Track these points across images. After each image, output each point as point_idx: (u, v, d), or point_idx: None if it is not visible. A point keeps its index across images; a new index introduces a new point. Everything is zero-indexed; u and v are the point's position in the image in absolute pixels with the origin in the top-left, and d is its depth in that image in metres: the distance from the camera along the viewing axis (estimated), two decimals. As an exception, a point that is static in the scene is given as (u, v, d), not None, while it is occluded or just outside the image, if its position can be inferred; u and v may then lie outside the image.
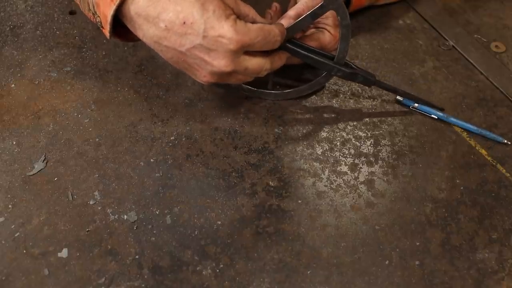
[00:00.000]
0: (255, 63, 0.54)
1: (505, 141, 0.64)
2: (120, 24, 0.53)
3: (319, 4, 0.57)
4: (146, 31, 0.51)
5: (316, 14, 0.58)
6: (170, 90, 0.67)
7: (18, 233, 0.54)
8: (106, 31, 0.53)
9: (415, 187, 0.60)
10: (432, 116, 0.66)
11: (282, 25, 0.57)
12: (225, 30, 0.48)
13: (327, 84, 0.69)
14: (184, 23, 0.48)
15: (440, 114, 0.65)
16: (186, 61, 0.52)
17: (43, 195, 0.57)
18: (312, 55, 0.61)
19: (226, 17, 0.49)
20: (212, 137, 0.63)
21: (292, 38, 0.60)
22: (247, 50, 0.52)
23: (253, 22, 0.54)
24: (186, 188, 0.58)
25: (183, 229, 0.55)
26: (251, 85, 0.65)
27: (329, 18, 0.63)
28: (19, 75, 0.68)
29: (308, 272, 0.53)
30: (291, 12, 0.61)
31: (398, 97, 0.66)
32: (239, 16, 0.53)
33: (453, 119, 0.65)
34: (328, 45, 0.63)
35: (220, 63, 0.50)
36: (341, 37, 0.60)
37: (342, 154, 0.62)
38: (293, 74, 0.70)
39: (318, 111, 0.66)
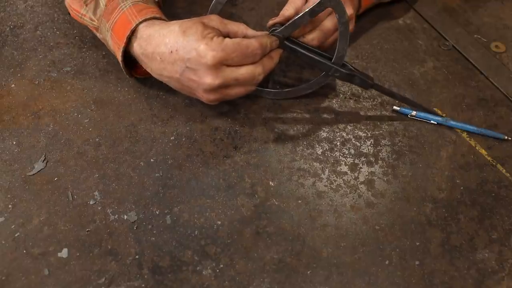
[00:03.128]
0: (244, 72, 0.56)
1: (506, 137, 0.64)
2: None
3: (318, 2, 0.57)
4: (150, 66, 0.59)
5: (314, 11, 0.58)
6: (170, 90, 0.67)
7: (18, 233, 0.54)
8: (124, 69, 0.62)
9: (415, 187, 0.60)
10: (432, 122, 0.65)
11: (269, 36, 0.58)
12: (201, 49, 0.53)
13: (327, 84, 0.69)
14: (171, 52, 0.55)
15: (439, 119, 0.65)
16: (184, 85, 0.57)
17: (43, 195, 0.57)
18: (309, 54, 0.61)
19: (203, 37, 0.53)
20: (212, 137, 0.63)
21: (291, 36, 0.60)
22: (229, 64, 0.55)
23: (245, 37, 0.57)
24: (186, 188, 0.58)
25: (183, 229, 0.55)
26: None
27: None
28: (19, 75, 0.68)
29: (308, 272, 0.53)
30: (290, 10, 0.61)
31: (395, 107, 0.66)
32: (228, 35, 0.56)
33: (452, 123, 0.65)
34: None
35: (206, 79, 0.54)
36: (340, 36, 0.60)
37: (342, 154, 0.62)
38: (293, 74, 0.70)
39: (318, 111, 0.66)
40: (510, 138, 0.64)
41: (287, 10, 0.61)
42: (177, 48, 0.54)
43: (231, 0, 0.79)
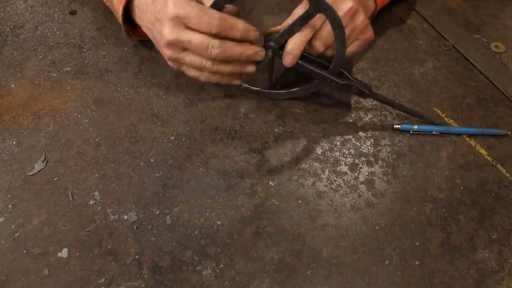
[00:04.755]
0: (198, 38, 0.56)
1: (506, 131, 0.64)
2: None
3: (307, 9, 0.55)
4: (140, 17, 0.62)
5: (304, 18, 0.56)
6: (170, 90, 0.67)
7: (18, 233, 0.54)
8: (122, 27, 0.66)
9: (415, 187, 0.60)
10: (434, 133, 0.64)
11: (235, 19, 0.56)
12: (169, 2, 0.56)
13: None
14: (152, 2, 0.58)
15: (441, 128, 0.64)
16: (155, 37, 0.60)
17: (43, 195, 0.57)
18: (304, 64, 0.60)
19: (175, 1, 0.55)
20: (212, 137, 0.63)
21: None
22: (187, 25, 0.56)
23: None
24: (186, 188, 0.58)
25: (183, 229, 0.55)
26: (250, 83, 0.65)
27: None
28: (19, 75, 0.68)
29: (308, 272, 0.53)
30: (289, 20, 0.60)
31: (396, 126, 0.64)
32: None
33: (454, 129, 0.64)
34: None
35: (165, 30, 0.57)
36: (336, 43, 0.57)
37: (342, 154, 0.62)
38: (292, 75, 0.70)
39: (318, 111, 0.66)
40: (509, 132, 0.64)
41: (287, 21, 0.60)
42: (155, 0, 0.58)
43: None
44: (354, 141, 0.64)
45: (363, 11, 0.61)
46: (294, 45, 0.58)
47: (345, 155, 0.62)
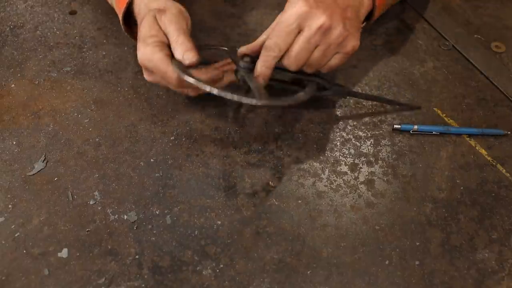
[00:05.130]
0: (152, 79, 0.60)
1: (506, 131, 0.64)
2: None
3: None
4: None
5: (237, 71, 0.57)
6: (170, 90, 0.67)
7: (18, 233, 0.54)
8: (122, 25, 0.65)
9: (415, 187, 0.60)
10: (434, 133, 0.64)
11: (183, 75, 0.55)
12: (139, 48, 0.57)
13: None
14: (140, 23, 0.60)
15: (441, 128, 0.64)
16: None
17: (43, 195, 0.57)
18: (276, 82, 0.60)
19: (143, 39, 0.57)
20: (212, 137, 0.63)
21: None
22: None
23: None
24: (186, 188, 0.58)
25: (183, 229, 0.55)
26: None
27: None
28: (19, 75, 0.68)
29: (308, 272, 0.53)
30: (262, 37, 0.58)
31: (396, 126, 0.64)
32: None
33: (454, 129, 0.64)
34: (297, 25, 0.54)
35: (138, 54, 0.58)
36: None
37: (342, 154, 0.62)
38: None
39: (318, 111, 0.66)
40: (509, 132, 0.64)
41: (261, 36, 0.58)
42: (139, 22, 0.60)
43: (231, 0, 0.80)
44: (354, 141, 0.64)
45: (339, 23, 0.54)
46: (262, 68, 0.55)
47: (345, 155, 0.62)
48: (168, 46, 0.58)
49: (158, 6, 0.59)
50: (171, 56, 0.57)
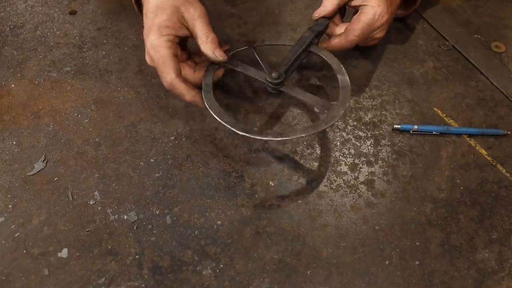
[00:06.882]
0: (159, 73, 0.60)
1: (506, 131, 0.64)
2: None
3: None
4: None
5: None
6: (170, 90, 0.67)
7: (18, 233, 0.54)
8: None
9: (415, 187, 0.60)
10: (434, 133, 0.64)
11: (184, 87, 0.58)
12: (150, 36, 0.57)
13: (327, 84, 0.69)
14: (145, 13, 0.59)
15: (441, 128, 0.64)
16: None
17: (43, 195, 0.57)
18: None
19: (158, 30, 0.57)
20: (212, 137, 0.63)
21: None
22: None
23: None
24: (186, 188, 0.58)
25: (183, 229, 0.55)
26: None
27: None
28: (19, 75, 0.68)
29: (308, 272, 0.53)
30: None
31: (396, 126, 0.64)
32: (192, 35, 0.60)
33: (454, 129, 0.65)
34: (376, 22, 0.64)
35: (146, 43, 0.58)
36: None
37: (342, 154, 0.62)
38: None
39: (318, 111, 0.66)
40: (509, 132, 0.64)
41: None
42: (146, 12, 0.59)
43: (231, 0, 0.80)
44: (354, 141, 0.64)
45: (390, 18, 0.67)
46: (336, 44, 0.66)
47: (345, 155, 0.62)
48: (179, 42, 0.59)
49: None
50: (176, 55, 0.58)
